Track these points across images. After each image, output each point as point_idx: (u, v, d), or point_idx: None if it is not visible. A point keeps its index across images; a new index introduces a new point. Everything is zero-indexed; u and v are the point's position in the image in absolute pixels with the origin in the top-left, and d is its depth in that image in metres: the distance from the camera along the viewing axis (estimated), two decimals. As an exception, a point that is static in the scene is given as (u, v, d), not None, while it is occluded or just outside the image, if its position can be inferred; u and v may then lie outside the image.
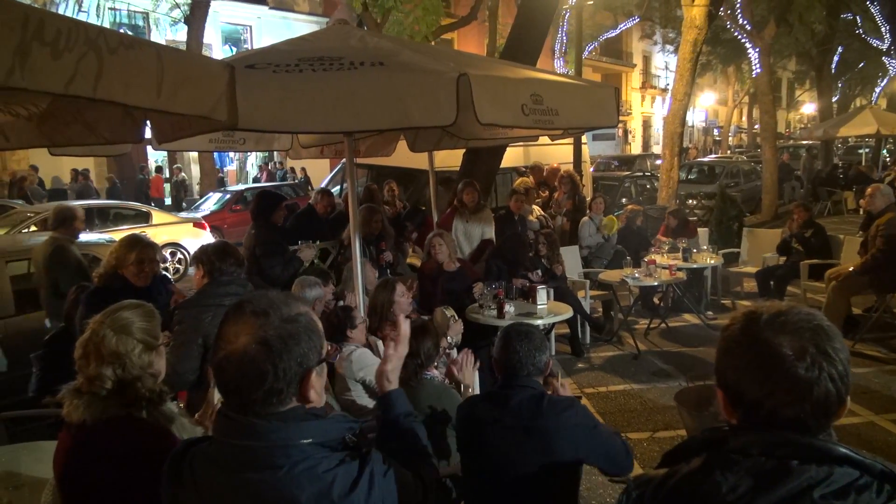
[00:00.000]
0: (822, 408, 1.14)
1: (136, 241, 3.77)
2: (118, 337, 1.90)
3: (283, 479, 1.30)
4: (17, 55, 1.45)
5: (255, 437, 1.32)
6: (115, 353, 1.88)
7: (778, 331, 1.17)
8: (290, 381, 1.34)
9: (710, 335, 7.18)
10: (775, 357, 1.15)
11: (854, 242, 7.35)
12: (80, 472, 1.82)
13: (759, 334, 1.18)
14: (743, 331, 1.21)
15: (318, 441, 1.35)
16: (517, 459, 2.32)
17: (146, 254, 3.71)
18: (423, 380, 3.16)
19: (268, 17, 22.63)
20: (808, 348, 1.14)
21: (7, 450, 3.16)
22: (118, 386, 1.87)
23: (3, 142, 3.19)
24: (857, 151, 23.33)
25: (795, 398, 1.14)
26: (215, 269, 3.42)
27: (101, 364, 1.87)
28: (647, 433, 4.92)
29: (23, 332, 5.17)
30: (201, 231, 12.15)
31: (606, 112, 4.42)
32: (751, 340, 1.19)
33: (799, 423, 1.15)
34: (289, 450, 1.32)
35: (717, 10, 12.72)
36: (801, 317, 1.19)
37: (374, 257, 5.96)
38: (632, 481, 1.34)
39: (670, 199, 12.13)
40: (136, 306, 2.04)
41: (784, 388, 1.15)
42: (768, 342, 1.16)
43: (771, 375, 1.15)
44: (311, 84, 3.31)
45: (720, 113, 44.17)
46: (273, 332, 1.32)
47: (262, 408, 1.33)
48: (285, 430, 1.33)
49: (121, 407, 1.85)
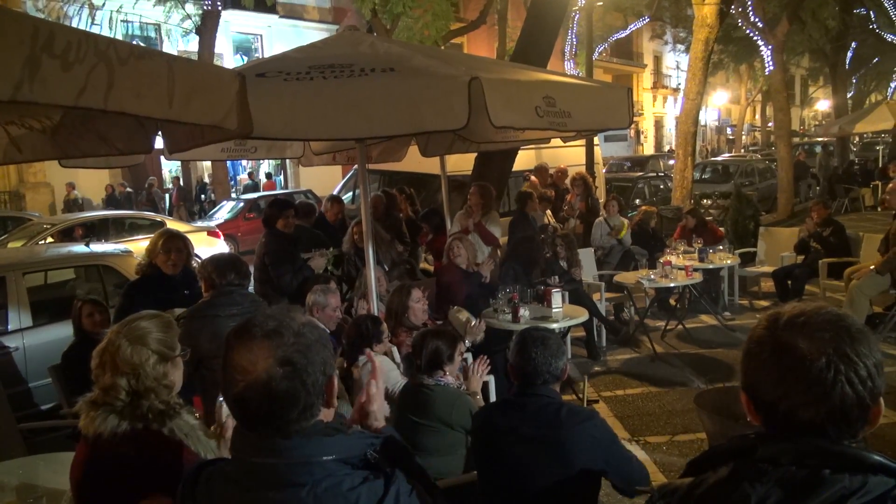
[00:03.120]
0: (839, 412, 1.11)
1: (164, 232, 4.36)
2: (133, 347, 1.89)
3: (305, 499, 1.25)
4: (26, 68, 1.44)
5: (275, 454, 1.27)
6: (129, 364, 1.87)
7: (796, 332, 1.14)
8: (319, 392, 1.30)
9: (729, 336, 7.10)
10: (790, 358, 1.13)
11: (874, 240, 7.23)
12: (96, 485, 1.82)
13: (776, 335, 1.17)
14: (763, 332, 1.20)
15: (341, 458, 1.29)
16: (534, 470, 2.28)
17: (173, 243, 4.20)
18: (436, 386, 3.13)
19: (278, 26, 22.75)
20: (825, 350, 1.11)
21: (25, 461, 3.17)
22: (132, 397, 1.86)
23: (16, 154, 3.21)
24: (875, 147, 23.07)
25: (810, 400, 1.11)
26: (215, 283, 3.46)
27: (116, 374, 1.86)
28: (666, 437, 4.85)
29: (40, 343, 5.20)
30: (215, 239, 12.20)
31: (619, 113, 4.39)
32: (769, 341, 1.18)
33: (816, 428, 1.12)
34: (311, 467, 1.26)
35: (729, 8, 12.61)
36: (824, 318, 1.15)
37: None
38: (656, 490, 1.30)
39: (684, 199, 12.03)
40: (154, 316, 2.03)
41: (798, 390, 1.12)
42: (785, 343, 1.15)
43: (785, 377, 1.13)
44: (322, 91, 3.31)
45: (733, 112, 43.87)
46: (292, 349, 1.27)
47: (296, 425, 1.28)
48: (308, 447, 1.28)
49: (136, 419, 1.84)
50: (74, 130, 3.09)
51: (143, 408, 1.85)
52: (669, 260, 7.03)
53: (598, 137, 11.10)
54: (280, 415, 1.26)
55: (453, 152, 6.34)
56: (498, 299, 5.38)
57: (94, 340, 2.03)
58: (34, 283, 5.76)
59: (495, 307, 5.40)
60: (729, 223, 9.81)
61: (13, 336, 5.17)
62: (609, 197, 9.19)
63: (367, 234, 4.43)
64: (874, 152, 21.99)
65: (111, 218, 12.10)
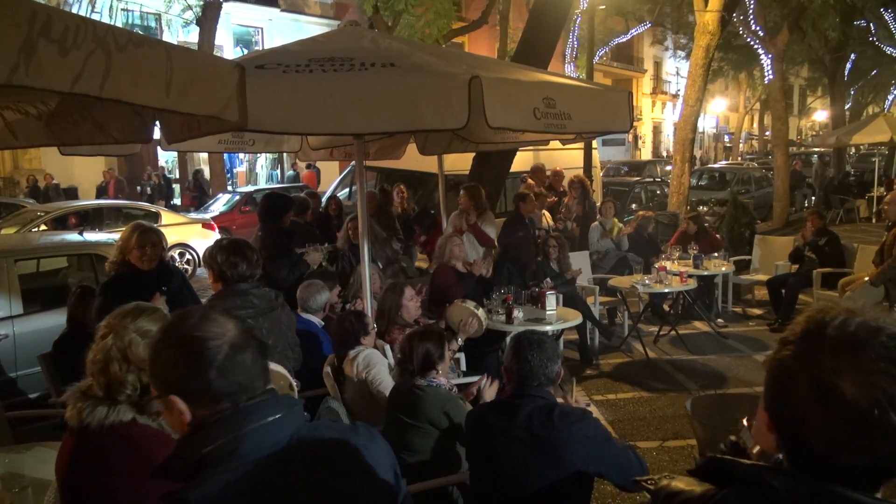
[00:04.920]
0: (885, 462, 0.94)
1: (136, 227, 3.99)
2: (146, 343, 1.86)
3: None
4: (22, 52, 1.41)
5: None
6: (142, 360, 1.83)
7: (841, 369, 0.93)
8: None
9: (721, 344, 7.12)
10: (835, 402, 0.93)
11: (868, 251, 7.25)
12: (81, 477, 1.79)
13: (813, 371, 0.96)
14: (794, 362, 0.99)
15: None
16: (527, 471, 2.27)
17: (147, 238, 3.88)
18: (427, 387, 3.11)
19: (279, 20, 22.71)
20: (875, 395, 0.91)
21: (11, 450, 3.14)
22: (138, 392, 1.83)
23: (11, 140, 3.18)
24: (870, 159, 23.13)
25: (855, 449, 0.94)
26: (225, 276, 3.31)
27: (127, 370, 1.83)
28: (656, 442, 4.85)
29: (31, 331, 5.16)
30: (210, 232, 12.16)
31: (620, 117, 4.37)
32: (804, 376, 0.97)
33: (850, 474, 0.95)
34: None
35: (730, 16, 12.64)
36: (876, 350, 0.93)
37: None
38: (662, 494, 1.18)
39: (681, 205, 12.05)
40: (154, 311, 2.00)
41: (845, 437, 0.94)
42: (828, 384, 0.94)
43: (833, 422, 0.94)
44: (321, 85, 3.28)
45: (731, 119, 43.96)
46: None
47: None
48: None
49: (126, 412, 1.82)
50: (71, 118, 3.06)
51: (142, 402, 1.83)
52: (664, 265, 7.04)
53: (596, 141, 11.09)
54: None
55: (452, 151, 6.32)
56: (492, 300, 5.37)
57: (86, 330, 2.00)
58: (26, 270, 5.72)
59: (489, 307, 5.39)
60: (724, 230, 9.82)
61: (3, 323, 5.13)
62: (606, 199, 9.18)
63: (363, 231, 4.40)
64: (870, 164, 22.04)
65: (105, 207, 12.03)
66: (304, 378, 3.70)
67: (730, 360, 6.63)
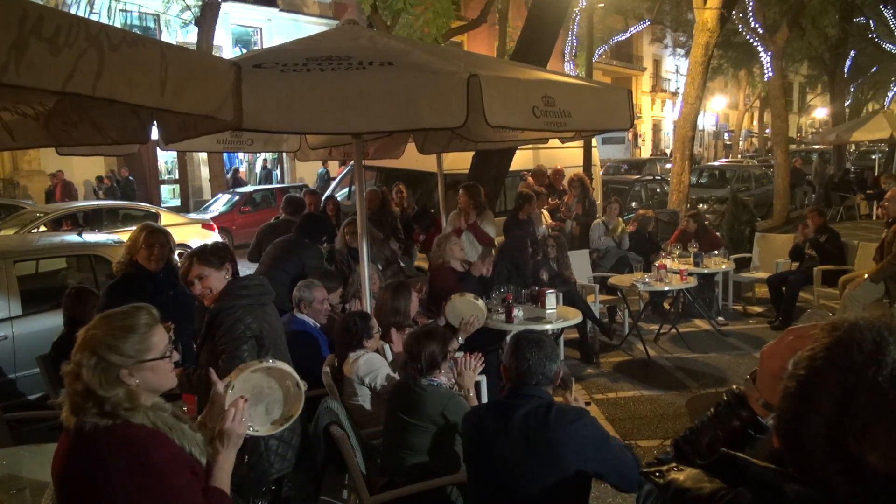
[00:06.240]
0: None
1: (144, 227, 4.14)
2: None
3: None
4: (13, 50, 1.40)
5: None
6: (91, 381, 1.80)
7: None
8: None
9: (722, 342, 7.11)
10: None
11: (868, 248, 7.24)
12: (77, 478, 1.78)
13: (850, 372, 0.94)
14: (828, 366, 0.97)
15: None
16: (523, 471, 2.25)
17: (155, 238, 3.99)
18: (428, 386, 3.10)
19: (278, 19, 22.66)
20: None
21: (9, 452, 3.14)
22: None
23: (9, 141, 3.17)
24: (870, 157, 23.12)
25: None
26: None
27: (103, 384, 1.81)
28: (657, 441, 4.84)
29: (30, 332, 5.15)
30: (209, 232, 12.14)
31: (620, 114, 4.36)
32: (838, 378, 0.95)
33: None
34: None
35: (730, 14, 12.61)
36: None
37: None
38: (671, 490, 1.14)
39: (681, 203, 12.03)
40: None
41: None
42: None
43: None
44: (319, 84, 3.27)
45: (731, 117, 43.92)
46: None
47: None
48: None
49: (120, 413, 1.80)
50: (68, 118, 3.05)
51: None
52: (664, 263, 7.02)
53: (595, 139, 11.07)
54: None
55: (451, 150, 6.31)
56: (492, 299, 5.36)
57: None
58: (25, 271, 5.71)
59: (489, 307, 5.37)
60: (725, 228, 9.80)
61: (2, 325, 5.11)
62: (611, 200, 9.15)
63: (362, 231, 4.39)
64: (870, 161, 22.04)
65: (105, 208, 12.02)
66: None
67: (730, 358, 6.62)
